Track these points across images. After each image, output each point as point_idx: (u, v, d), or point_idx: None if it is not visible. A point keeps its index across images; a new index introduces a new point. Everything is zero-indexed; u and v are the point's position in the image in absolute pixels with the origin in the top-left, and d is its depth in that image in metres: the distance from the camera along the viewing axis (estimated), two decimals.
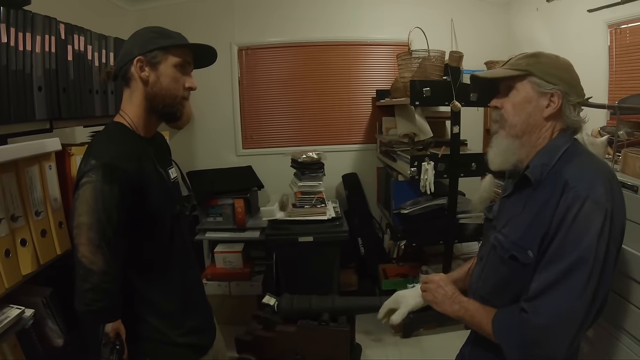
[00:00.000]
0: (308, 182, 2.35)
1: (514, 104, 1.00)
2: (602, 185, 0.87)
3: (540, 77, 0.96)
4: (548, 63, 0.98)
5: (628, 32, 2.20)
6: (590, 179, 0.88)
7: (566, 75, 0.97)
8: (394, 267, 2.89)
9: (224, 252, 2.68)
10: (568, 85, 0.96)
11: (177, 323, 1.14)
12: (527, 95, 0.98)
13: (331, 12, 3.10)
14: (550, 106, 0.96)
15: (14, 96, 1.19)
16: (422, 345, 2.53)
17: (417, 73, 2.35)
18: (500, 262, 1.02)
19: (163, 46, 1.06)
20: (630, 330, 1.45)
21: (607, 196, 0.86)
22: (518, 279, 0.97)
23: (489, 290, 1.07)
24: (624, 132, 1.80)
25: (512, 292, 0.99)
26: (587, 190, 0.85)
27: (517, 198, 1.04)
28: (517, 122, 0.99)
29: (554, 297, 0.86)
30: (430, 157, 2.28)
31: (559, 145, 0.97)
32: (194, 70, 1.16)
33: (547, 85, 0.96)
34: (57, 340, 1.26)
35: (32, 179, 1.18)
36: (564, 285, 0.85)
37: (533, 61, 0.99)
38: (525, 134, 0.99)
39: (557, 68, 0.98)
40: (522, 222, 0.97)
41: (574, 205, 0.85)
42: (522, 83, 0.99)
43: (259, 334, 1.73)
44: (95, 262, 0.92)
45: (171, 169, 1.23)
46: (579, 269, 0.84)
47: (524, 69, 0.98)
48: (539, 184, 0.96)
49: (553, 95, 0.96)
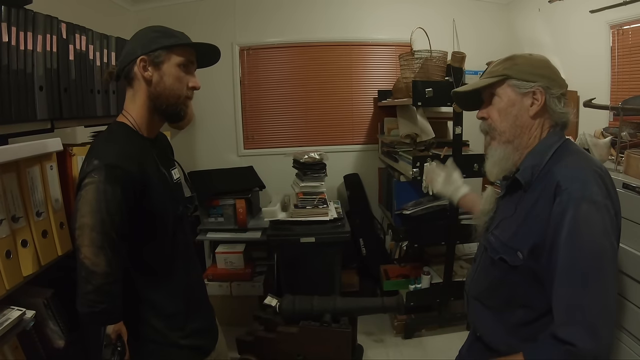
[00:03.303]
0: (310, 183, 2.35)
1: (499, 110, 1.00)
2: (596, 183, 0.86)
3: (519, 78, 0.97)
4: (523, 63, 0.99)
5: (630, 32, 2.19)
6: (583, 178, 0.87)
7: (544, 71, 0.97)
8: (395, 267, 2.88)
9: (225, 253, 2.68)
10: (548, 79, 0.96)
11: (180, 325, 1.13)
12: (509, 99, 0.98)
13: (332, 12, 3.09)
14: (534, 104, 0.97)
15: (15, 96, 1.18)
16: (423, 346, 2.53)
17: (419, 74, 2.34)
18: (491, 263, 1.02)
19: (166, 45, 1.05)
20: (631, 330, 1.45)
21: (602, 194, 0.86)
22: (508, 281, 0.97)
23: (482, 291, 1.08)
24: (627, 133, 1.79)
25: (504, 294, 1.00)
26: (581, 190, 0.85)
27: (509, 200, 1.04)
28: (505, 127, 1.00)
29: (590, 317, 0.81)
30: (433, 157, 2.27)
31: (549, 144, 0.97)
32: (196, 70, 1.15)
33: (526, 84, 0.96)
34: (58, 342, 1.26)
35: (33, 179, 1.17)
36: (591, 300, 0.81)
37: (509, 64, 0.99)
38: (516, 137, 1.00)
39: (533, 66, 0.98)
40: (513, 223, 0.97)
41: (569, 207, 0.84)
42: (502, 88, 1.00)
43: (261, 335, 1.72)
44: (97, 264, 0.91)
45: (174, 170, 1.22)
46: (598, 276, 0.82)
47: (502, 74, 0.99)
48: (530, 186, 0.96)
49: (535, 92, 0.96)
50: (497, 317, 1.03)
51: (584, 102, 1.95)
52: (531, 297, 0.95)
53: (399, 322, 2.61)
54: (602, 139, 1.81)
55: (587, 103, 1.90)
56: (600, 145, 1.79)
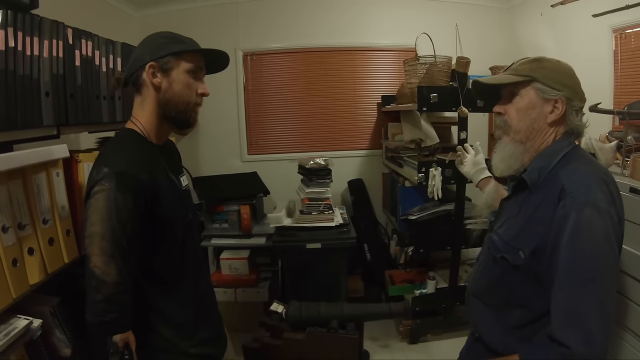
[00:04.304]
0: (315, 189, 2.34)
1: (518, 110, 1.00)
2: (600, 189, 0.86)
3: (544, 83, 0.96)
4: (551, 68, 0.98)
5: (633, 36, 2.20)
6: (588, 183, 0.87)
7: (569, 81, 0.97)
8: (400, 272, 2.87)
9: (230, 259, 2.67)
10: (571, 90, 0.96)
11: (190, 333, 1.12)
12: (531, 101, 0.98)
13: (336, 17, 3.10)
14: (554, 112, 0.96)
15: (22, 102, 1.17)
16: (429, 351, 2.52)
17: (424, 79, 2.34)
18: (492, 261, 1.03)
19: (175, 52, 1.04)
20: (634, 329, 1.46)
21: (606, 200, 0.85)
22: (508, 280, 0.98)
23: (481, 288, 1.09)
24: (632, 137, 1.79)
25: (503, 292, 1.00)
26: (585, 195, 0.85)
27: (515, 200, 1.04)
28: (521, 127, 1.00)
29: (587, 320, 0.82)
30: (438, 162, 2.27)
31: (559, 148, 0.97)
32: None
33: (551, 91, 0.96)
34: (64, 350, 1.24)
35: (39, 186, 1.15)
36: (589, 303, 0.82)
37: (536, 66, 0.98)
38: (529, 139, 1.00)
39: (560, 73, 0.97)
40: (517, 223, 0.98)
41: (573, 211, 0.84)
42: (525, 89, 0.99)
43: (267, 342, 1.70)
44: (108, 273, 0.90)
45: (183, 177, 1.21)
46: (598, 281, 0.83)
47: (528, 75, 0.98)
48: (535, 187, 0.96)
49: (557, 101, 0.96)
50: (496, 315, 1.04)
51: (590, 107, 1.94)
52: (530, 298, 0.96)
53: (405, 327, 2.59)
54: (607, 143, 1.81)
55: (592, 108, 1.89)
56: (606, 149, 1.79)
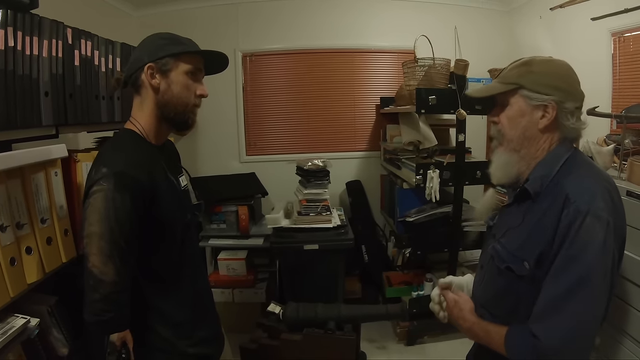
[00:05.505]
0: (313, 190, 2.35)
1: (509, 118, 0.98)
2: (602, 198, 0.86)
3: (532, 89, 0.94)
4: (540, 72, 0.95)
5: (632, 40, 2.21)
6: (591, 192, 0.87)
7: (560, 83, 0.93)
8: (398, 274, 2.87)
9: (228, 260, 2.66)
10: (564, 92, 0.93)
11: (188, 334, 1.12)
12: (520, 109, 0.96)
13: (335, 19, 3.10)
14: (545, 117, 0.94)
15: (21, 101, 1.16)
16: (426, 352, 2.52)
17: (422, 81, 2.35)
18: (497, 272, 1.01)
19: (174, 53, 1.04)
20: (633, 334, 1.46)
21: (608, 209, 0.85)
22: (515, 290, 0.96)
23: (489, 299, 1.07)
24: (629, 141, 1.80)
25: (510, 303, 0.99)
26: (587, 204, 0.84)
27: (517, 209, 1.02)
28: (513, 136, 0.98)
29: (563, 319, 0.83)
30: (436, 165, 2.27)
31: (558, 155, 0.95)
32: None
33: (539, 97, 0.93)
34: (62, 350, 1.24)
35: (37, 185, 1.15)
36: (571, 304, 0.83)
37: (524, 71, 0.96)
38: (523, 147, 0.98)
39: (550, 76, 0.94)
40: (521, 233, 0.96)
41: (576, 220, 0.84)
42: (514, 97, 0.97)
43: (264, 342, 1.71)
44: (106, 273, 0.90)
45: (181, 177, 1.21)
46: (585, 285, 0.83)
47: (515, 82, 0.96)
48: (538, 196, 0.95)
49: (547, 106, 0.93)
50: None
51: (588, 110, 1.95)
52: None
53: (402, 328, 2.59)
54: (605, 147, 1.82)
55: (590, 111, 1.90)
56: (603, 152, 1.79)
